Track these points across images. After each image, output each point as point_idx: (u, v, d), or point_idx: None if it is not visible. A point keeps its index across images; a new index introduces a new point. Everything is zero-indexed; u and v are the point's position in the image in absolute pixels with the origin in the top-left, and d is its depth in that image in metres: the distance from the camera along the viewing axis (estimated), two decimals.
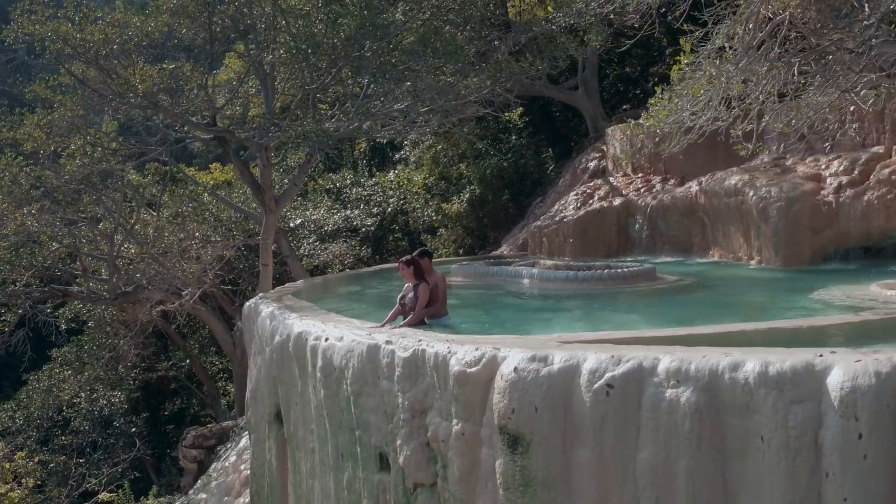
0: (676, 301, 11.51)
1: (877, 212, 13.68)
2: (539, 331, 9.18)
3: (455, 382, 6.71)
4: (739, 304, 11.19)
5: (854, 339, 7.16)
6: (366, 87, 16.80)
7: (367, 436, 7.82)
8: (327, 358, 8.27)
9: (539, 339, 7.06)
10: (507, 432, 6.32)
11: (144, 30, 14.45)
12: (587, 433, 6.11)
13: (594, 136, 28.93)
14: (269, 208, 19.05)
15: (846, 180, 14.25)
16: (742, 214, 15.35)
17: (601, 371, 6.09)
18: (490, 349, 6.70)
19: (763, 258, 14.83)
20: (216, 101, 16.49)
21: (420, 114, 17.05)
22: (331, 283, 15.49)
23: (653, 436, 5.92)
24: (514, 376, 6.31)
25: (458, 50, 15.09)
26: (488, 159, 28.28)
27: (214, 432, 19.15)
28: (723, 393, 5.80)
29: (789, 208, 14.26)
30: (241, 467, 14.07)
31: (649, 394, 5.97)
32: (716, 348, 6.19)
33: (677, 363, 5.96)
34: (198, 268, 18.67)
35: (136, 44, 14.61)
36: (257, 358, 11.07)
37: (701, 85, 8.30)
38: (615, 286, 12.37)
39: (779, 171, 15.15)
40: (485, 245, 29.44)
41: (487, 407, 6.60)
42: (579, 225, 20.14)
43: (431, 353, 7.01)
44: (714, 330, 7.34)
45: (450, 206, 29.04)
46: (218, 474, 15.45)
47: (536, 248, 21.98)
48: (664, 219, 18.46)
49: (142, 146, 17.01)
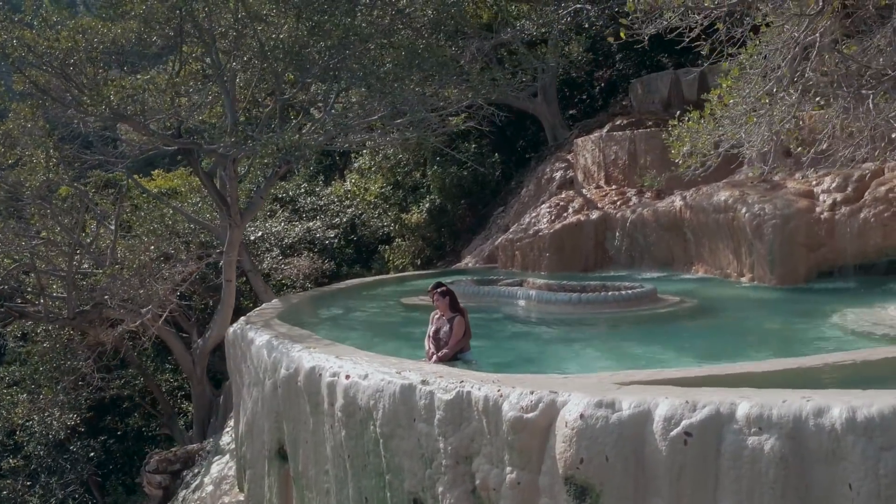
0: (691, 329, 11.22)
1: (873, 229, 13.67)
2: (569, 366, 8.85)
3: (510, 428, 6.32)
4: (757, 331, 10.95)
5: None
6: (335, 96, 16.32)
7: (399, 481, 7.37)
8: (350, 397, 7.79)
9: (594, 381, 6.69)
10: (574, 483, 5.95)
11: (111, 37, 13.70)
12: (662, 483, 5.78)
13: (554, 145, 28.78)
14: (234, 222, 18.39)
15: (840, 197, 14.21)
16: (733, 231, 15.20)
17: (677, 418, 5.76)
18: (547, 393, 6.32)
19: (756, 276, 14.71)
20: (181, 112, 15.77)
21: (397, 125, 16.62)
22: (310, 304, 14.92)
23: (735, 486, 5.63)
24: (581, 423, 5.94)
25: (448, 63, 14.70)
26: (448, 168, 27.92)
27: (179, 456, 18.34)
28: (808, 440, 5.54)
29: (784, 226, 14.16)
30: (223, 500, 13.43)
31: (729, 441, 5.66)
32: (793, 391, 5.91)
33: (758, 409, 5.66)
34: (165, 288, 17.88)
35: (103, 51, 13.85)
36: (252, 390, 10.50)
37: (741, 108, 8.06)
38: (618, 309, 12.07)
39: (769, 188, 15.05)
40: (443, 256, 29.07)
41: (546, 455, 6.22)
42: (556, 239, 19.84)
43: (479, 396, 6.61)
44: (770, 367, 7.07)
45: (409, 216, 28.61)
46: (191, 502, 14.75)
47: (508, 261, 21.63)
48: (644, 233, 18.29)
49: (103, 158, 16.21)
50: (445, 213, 27.96)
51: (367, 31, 14.14)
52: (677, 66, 29.82)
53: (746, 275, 15.10)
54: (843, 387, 6.40)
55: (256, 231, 24.72)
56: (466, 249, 27.52)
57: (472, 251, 26.92)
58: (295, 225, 26.01)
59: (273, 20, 16.52)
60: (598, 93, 30.49)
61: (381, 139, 16.89)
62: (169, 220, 21.34)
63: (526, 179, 28.00)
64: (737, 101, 8.08)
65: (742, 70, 8.25)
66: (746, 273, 15.09)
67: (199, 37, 16.46)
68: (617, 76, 30.02)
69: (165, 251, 19.03)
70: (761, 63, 8.02)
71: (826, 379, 6.79)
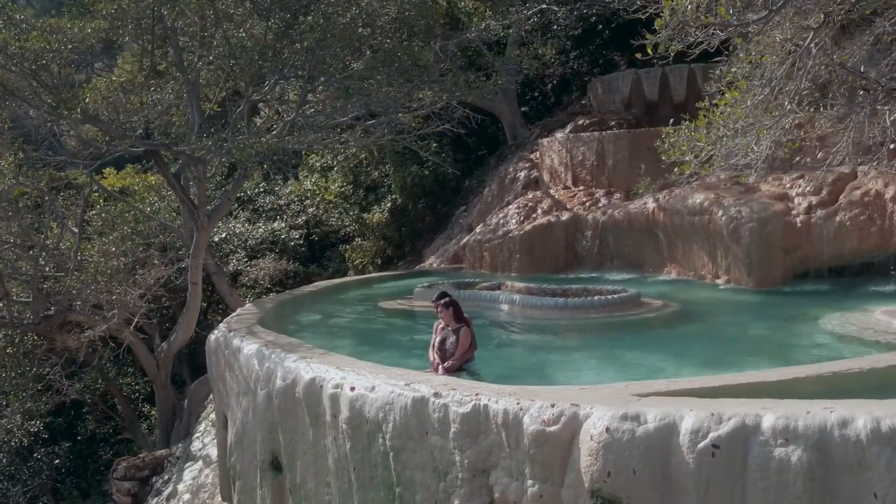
0: (682, 335, 11.30)
1: (850, 233, 13.93)
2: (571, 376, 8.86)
3: (532, 441, 6.31)
4: (748, 336, 11.08)
5: None
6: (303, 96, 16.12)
7: (411, 494, 7.32)
8: (356, 409, 7.71)
9: (611, 393, 6.71)
10: (601, 496, 5.97)
11: (80, 36, 13.33)
12: (689, 495, 5.82)
13: (514, 144, 28.83)
14: (201, 224, 18.12)
15: (815, 201, 14.46)
16: (709, 233, 15.38)
17: (704, 430, 5.81)
18: (568, 406, 6.33)
19: (732, 278, 14.90)
20: (153, 113, 15.45)
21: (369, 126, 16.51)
22: (286, 309, 14.71)
23: (762, 497, 5.69)
24: (607, 437, 5.96)
25: (428, 65, 14.63)
26: (409, 167, 27.83)
27: (147, 462, 18.02)
28: (833, 451, 5.63)
29: (762, 229, 14.37)
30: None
31: (756, 453, 5.73)
32: (815, 402, 5.99)
33: (783, 420, 5.74)
34: (136, 292, 17.53)
35: (72, 51, 13.48)
36: (242, 399, 10.33)
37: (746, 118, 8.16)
38: (605, 314, 12.12)
39: (743, 191, 15.26)
40: (404, 255, 28.98)
41: (570, 468, 6.22)
42: (526, 240, 19.89)
43: (498, 409, 6.58)
44: (780, 377, 7.15)
45: (371, 216, 28.46)
46: None
47: (476, 262, 21.63)
48: (615, 234, 18.42)
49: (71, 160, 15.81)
50: (406, 212, 27.90)
51: (346, 32, 13.99)
52: (630, 65, 30.19)
53: (722, 277, 15.29)
54: (855, 395, 6.52)
55: (220, 232, 24.36)
56: (429, 249, 27.47)
57: (434, 251, 26.86)
58: (258, 226, 25.70)
59: (240, 19, 16.29)
60: (551, 90, 30.63)
61: (358, 140, 16.71)
62: (131, 221, 20.92)
63: (488, 179, 27.96)
64: (739, 110, 8.16)
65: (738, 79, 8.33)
66: (722, 275, 15.28)
67: (165, 36, 16.18)
68: (571, 74, 30.21)
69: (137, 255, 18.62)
70: (759, 72, 8.13)
71: (837, 388, 6.89)
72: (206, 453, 16.08)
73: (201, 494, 13.75)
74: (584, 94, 29.26)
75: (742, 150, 8.58)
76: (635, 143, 21.03)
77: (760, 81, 8.07)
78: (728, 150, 8.75)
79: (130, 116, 14.39)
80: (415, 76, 14.48)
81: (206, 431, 17.19)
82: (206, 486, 14.04)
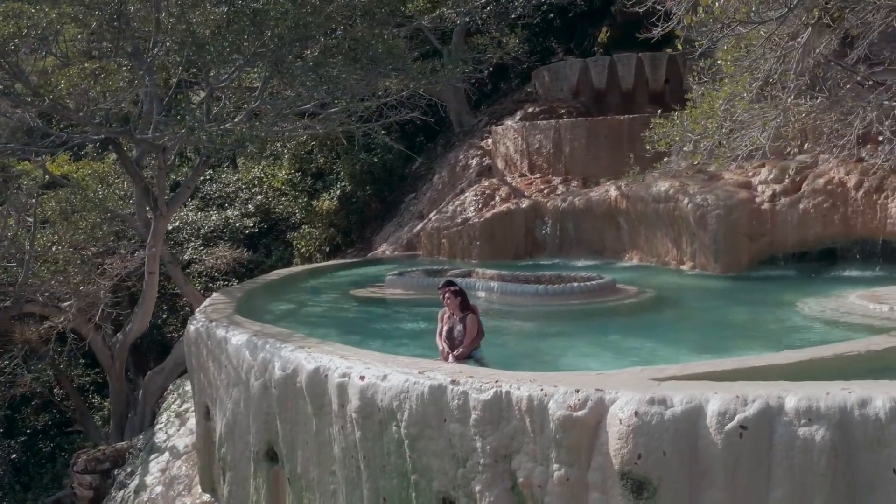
0: (668, 320, 11.56)
1: (813, 220, 14.40)
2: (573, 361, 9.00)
3: (559, 427, 6.44)
4: (732, 321, 11.38)
5: None
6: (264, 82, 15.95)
7: (427, 480, 7.40)
8: (367, 398, 7.75)
9: (630, 378, 6.90)
10: (631, 478, 6.14)
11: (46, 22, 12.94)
12: (718, 475, 6.03)
13: (461, 131, 28.93)
14: (160, 213, 17.84)
15: (779, 189, 14.90)
16: (673, 220, 15.72)
17: (731, 412, 6.02)
18: (593, 391, 6.48)
19: (698, 264, 15.27)
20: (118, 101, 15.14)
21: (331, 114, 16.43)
22: (256, 298, 14.59)
23: (788, 475, 5.92)
24: (636, 420, 6.12)
25: (401, 55, 14.60)
26: (358, 154, 27.75)
27: (108, 455, 17.70)
28: (853, 429, 5.89)
29: (728, 216, 14.76)
30: (183, 501, 13.05)
31: (781, 433, 5.96)
32: (832, 383, 6.26)
33: (806, 402, 5.98)
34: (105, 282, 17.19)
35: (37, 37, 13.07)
36: (232, 390, 10.26)
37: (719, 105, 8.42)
38: (585, 301, 12.32)
39: (706, 179, 15.64)
40: (352, 243, 28.88)
41: (597, 451, 6.37)
42: (486, 227, 20.05)
43: (521, 396, 6.70)
44: (786, 360, 7.42)
45: (320, 203, 28.31)
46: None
47: (433, 249, 21.71)
48: (575, 222, 18.68)
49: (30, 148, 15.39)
50: (355, 200, 27.85)
51: (318, 20, 13.88)
52: (567, 52, 30.52)
53: (687, 263, 15.67)
54: (856, 377, 6.83)
55: (173, 221, 23.97)
56: (378, 237, 27.43)
57: (385, 239, 26.83)
58: (211, 214, 25.36)
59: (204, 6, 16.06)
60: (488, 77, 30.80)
61: (325, 127, 16.59)
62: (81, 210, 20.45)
63: (437, 166, 28.01)
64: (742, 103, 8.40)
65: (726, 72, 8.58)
66: (687, 261, 15.67)
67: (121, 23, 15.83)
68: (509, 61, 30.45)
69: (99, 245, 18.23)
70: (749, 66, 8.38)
71: (841, 369, 7.19)
72: (172, 444, 15.90)
73: (176, 486, 13.59)
74: (523, 81, 29.51)
75: (748, 142, 8.85)
76: (592, 132, 21.36)
77: (752, 75, 8.32)
78: (734, 140, 8.99)
79: (98, 104, 14.06)
80: (389, 64, 14.45)
81: (170, 423, 16.99)
82: (179, 477, 13.89)
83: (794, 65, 8.05)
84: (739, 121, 8.76)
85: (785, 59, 8.14)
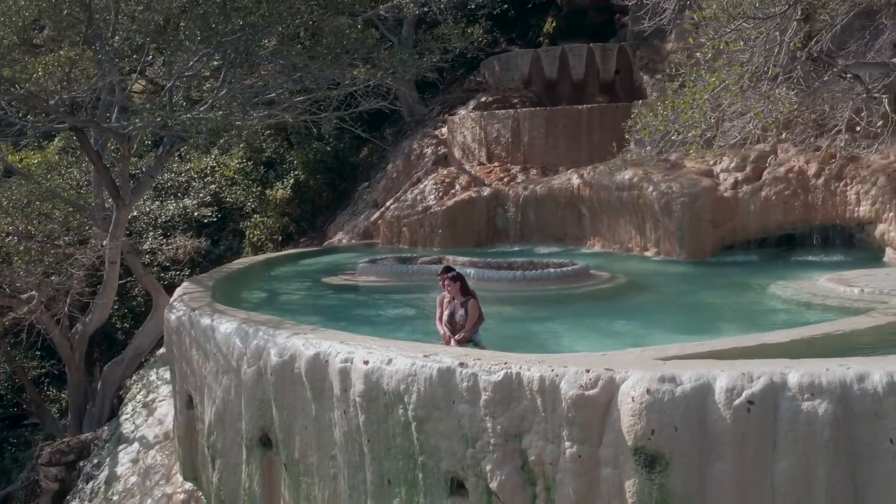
0: (644, 303, 11.89)
1: (775, 207, 14.91)
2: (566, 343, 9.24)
3: (571, 405, 6.68)
4: (709, 305, 11.76)
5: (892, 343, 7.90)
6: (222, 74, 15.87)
7: (435, 461, 7.57)
8: (372, 382, 7.90)
9: (634, 357, 7.18)
10: (644, 453, 6.40)
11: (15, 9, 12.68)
12: (726, 448, 6.33)
13: (412, 120, 29.07)
14: (122, 202, 17.66)
15: (741, 177, 15.39)
16: (637, 208, 16.11)
17: (738, 389, 6.32)
18: (603, 370, 6.73)
19: (663, 250, 15.70)
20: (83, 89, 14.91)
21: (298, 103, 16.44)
22: (228, 286, 14.57)
23: (792, 447, 6.25)
24: (649, 398, 6.39)
25: (375, 45, 14.67)
26: (311, 143, 27.72)
27: (73, 447, 17.49)
28: (853, 402, 6.25)
29: (692, 203, 15.20)
30: (163, 490, 12.99)
31: (785, 408, 6.28)
32: (829, 360, 6.61)
33: (808, 377, 6.32)
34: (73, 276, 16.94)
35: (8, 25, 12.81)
36: (222, 378, 10.30)
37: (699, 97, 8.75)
38: (561, 286, 12.60)
39: (669, 167, 16.06)
40: (305, 232, 28.84)
41: (609, 428, 6.63)
42: (448, 215, 20.27)
43: (533, 376, 6.92)
44: (779, 339, 7.79)
45: (273, 192, 28.21)
46: (114, 495, 14.17)
47: (393, 237, 21.86)
48: (536, 209, 18.99)
49: None
50: (308, 189, 27.83)
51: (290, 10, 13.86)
52: (510, 43, 30.83)
53: (651, 249, 16.10)
54: (845, 354, 7.22)
55: (130, 211, 23.65)
56: (332, 225, 27.46)
57: (340, 227, 26.89)
58: (168, 203, 25.09)
59: None
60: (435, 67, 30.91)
61: (295, 117, 16.58)
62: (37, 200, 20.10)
63: (390, 156, 28.12)
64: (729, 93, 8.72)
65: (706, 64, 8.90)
66: (651, 247, 16.09)
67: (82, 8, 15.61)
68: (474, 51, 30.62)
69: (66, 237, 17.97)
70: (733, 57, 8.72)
71: (832, 347, 7.57)
72: (141, 435, 15.80)
73: (152, 476, 13.54)
74: (468, 71, 29.72)
75: (739, 131, 9.20)
76: (551, 121, 21.74)
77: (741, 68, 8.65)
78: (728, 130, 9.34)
79: (72, 92, 13.85)
80: (362, 54, 14.52)
81: (137, 413, 16.87)
82: (155, 467, 13.83)
83: (782, 58, 8.40)
84: (730, 112, 9.11)
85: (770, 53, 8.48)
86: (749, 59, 8.53)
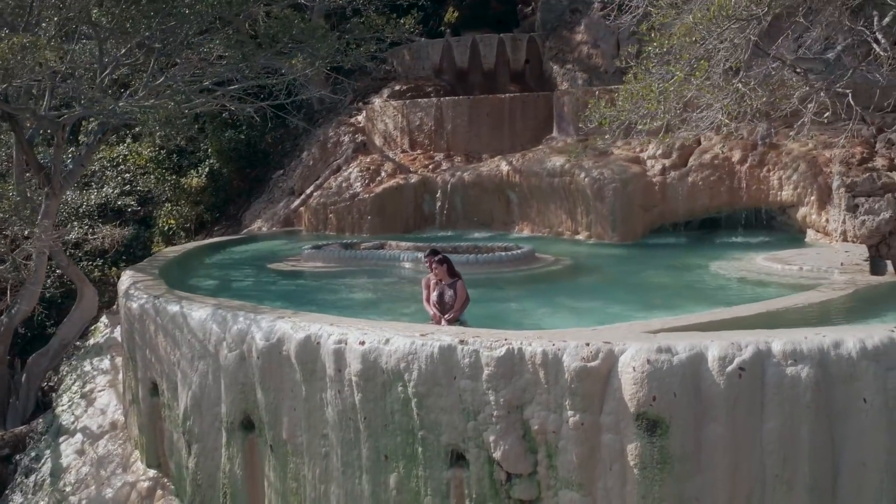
0: (597, 284, 12.46)
1: (701, 192, 15.78)
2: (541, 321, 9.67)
3: (574, 377, 7.16)
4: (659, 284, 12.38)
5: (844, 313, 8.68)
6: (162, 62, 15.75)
7: (435, 435, 7.93)
8: (370, 361, 8.20)
9: (625, 331, 7.71)
10: (646, 418, 6.94)
11: None
12: (719, 411, 6.93)
13: (324, 108, 29.08)
14: (53, 191, 17.33)
15: (668, 163, 16.18)
16: (569, 193, 16.74)
17: (730, 357, 6.93)
18: (602, 343, 7.24)
19: (594, 234, 16.40)
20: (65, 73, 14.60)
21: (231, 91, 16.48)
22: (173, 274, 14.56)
23: (778, 409, 6.91)
24: (649, 367, 6.93)
25: (325, 35, 14.75)
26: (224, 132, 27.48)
27: (7, 440, 17.07)
28: (830, 367, 6.96)
29: (624, 189, 15.92)
30: (123, 479, 12.88)
31: (771, 373, 6.94)
32: (806, 329, 7.29)
33: (791, 345, 6.98)
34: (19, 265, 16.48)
35: None
36: (198, 363, 10.37)
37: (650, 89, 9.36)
38: (512, 268, 13.07)
39: (597, 154, 16.74)
40: (219, 220, 28.60)
41: (610, 397, 7.14)
42: (377, 202, 20.56)
43: (535, 351, 7.37)
44: (749, 312, 8.46)
45: (188, 180, 27.87)
46: (66, 486, 13.94)
47: (318, 224, 22.01)
48: (463, 195, 19.47)
49: None
50: (222, 177, 27.65)
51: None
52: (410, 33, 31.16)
53: (583, 233, 16.78)
54: (808, 325, 7.95)
55: None
56: (248, 213, 27.27)
57: (257, 215, 26.73)
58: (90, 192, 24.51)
59: None
60: None
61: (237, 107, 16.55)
62: None
63: (305, 143, 28.12)
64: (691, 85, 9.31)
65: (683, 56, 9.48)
66: (583, 231, 16.77)
67: None
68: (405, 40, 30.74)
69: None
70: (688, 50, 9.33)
71: (797, 318, 8.28)
72: (83, 426, 15.59)
73: (107, 465, 13.42)
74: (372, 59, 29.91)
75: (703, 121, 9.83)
76: (475, 110, 22.25)
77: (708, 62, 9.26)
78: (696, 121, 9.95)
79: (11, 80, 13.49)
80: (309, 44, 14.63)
81: (75, 404, 16.61)
82: (108, 456, 13.71)
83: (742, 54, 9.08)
84: (696, 103, 9.75)
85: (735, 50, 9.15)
86: (715, 55, 9.16)
